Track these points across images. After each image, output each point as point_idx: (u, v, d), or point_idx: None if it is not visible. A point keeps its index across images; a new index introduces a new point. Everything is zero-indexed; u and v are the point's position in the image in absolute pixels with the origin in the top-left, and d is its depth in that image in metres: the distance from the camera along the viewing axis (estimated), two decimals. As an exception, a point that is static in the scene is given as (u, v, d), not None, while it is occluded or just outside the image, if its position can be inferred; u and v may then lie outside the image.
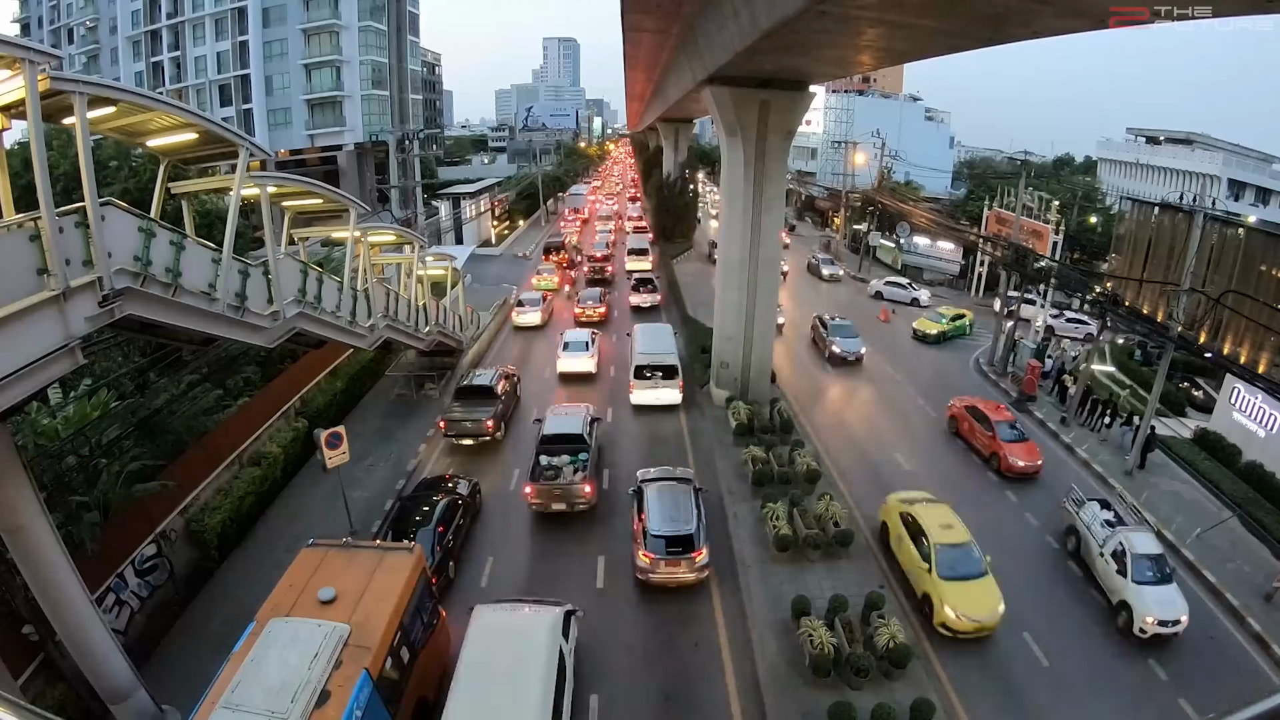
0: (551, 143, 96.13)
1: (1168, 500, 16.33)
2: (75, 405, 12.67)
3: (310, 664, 7.71)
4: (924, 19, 10.26)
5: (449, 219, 45.80)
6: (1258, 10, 8.00)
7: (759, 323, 19.80)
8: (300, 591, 9.01)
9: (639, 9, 19.72)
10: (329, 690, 7.55)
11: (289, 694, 7.35)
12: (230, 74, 51.90)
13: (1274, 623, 12.37)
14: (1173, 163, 55.92)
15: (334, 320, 13.33)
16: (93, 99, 7.43)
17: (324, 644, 7.98)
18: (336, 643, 8.06)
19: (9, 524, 8.01)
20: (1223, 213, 20.37)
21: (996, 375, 24.58)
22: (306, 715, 7.20)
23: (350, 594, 8.92)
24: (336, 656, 7.94)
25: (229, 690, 7.44)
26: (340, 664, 7.88)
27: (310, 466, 16.55)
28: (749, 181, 18.39)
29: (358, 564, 9.61)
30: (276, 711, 7.17)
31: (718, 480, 16.30)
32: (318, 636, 8.06)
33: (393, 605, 8.88)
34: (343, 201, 13.68)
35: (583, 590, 12.61)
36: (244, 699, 7.31)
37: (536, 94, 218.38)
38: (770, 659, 10.98)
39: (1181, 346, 17.19)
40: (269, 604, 8.86)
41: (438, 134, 79.71)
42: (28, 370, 6.96)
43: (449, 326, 22.01)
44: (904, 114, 67.26)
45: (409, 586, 9.39)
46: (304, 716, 7.17)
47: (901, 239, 42.05)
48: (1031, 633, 11.95)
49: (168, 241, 8.58)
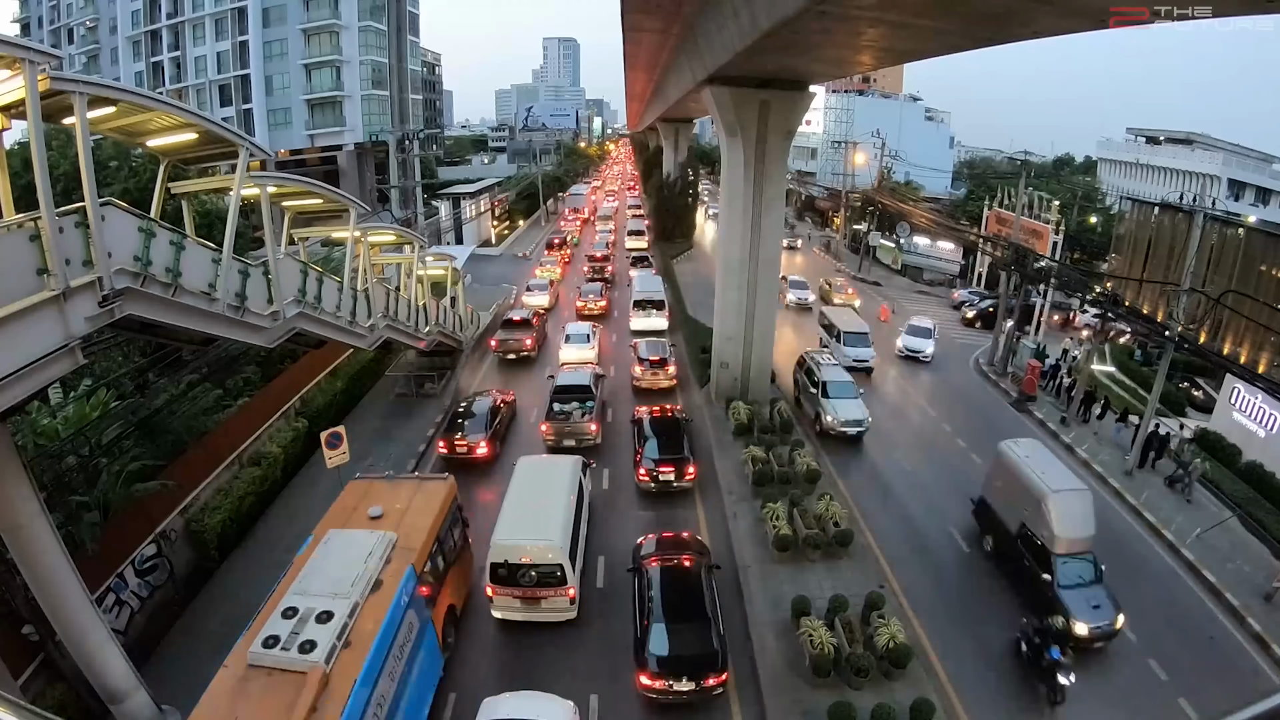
0: (551, 143, 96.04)
1: (1168, 500, 16.32)
2: (75, 405, 12.67)
3: (366, 560, 9.32)
4: (924, 19, 10.25)
5: (449, 219, 45.80)
6: (1258, 10, 8.00)
7: (759, 323, 19.79)
8: (351, 512, 10.82)
9: (639, 9, 19.72)
10: (382, 580, 9.22)
11: (349, 581, 8.89)
12: (230, 74, 51.88)
13: (1274, 623, 12.37)
14: (1173, 163, 55.93)
15: (334, 320, 13.33)
16: (93, 99, 7.43)
17: (376, 546, 9.61)
18: (387, 546, 9.73)
19: (9, 524, 8.01)
20: (1223, 213, 20.40)
21: (996, 375, 24.58)
22: (364, 598, 8.79)
23: (395, 512, 10.76)
24: (387, 555, 9.61)
25: (296, 581, 8.93)
26: (390, 561, 9.57)
27: (310, 466, 16.55)
28: (749, 181, 18.39)
29: (400, 490, 11.51)
30: (340, 594, 8.66)
31: (718, 480, 16.32)
32: (370, 541, 9.71)
33: (431, 520, 10.76)
34: (343, 201, 13.68)
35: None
36: (310, 587, 8.82)
37: (536, 94, 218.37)
38: (770, 659, 10.98)
39: (1181, 346, 17.18)
40: (324, 522, 10.53)
41: (438, 134, 79.68)
42: (28, 370, 6.96)
43: (449, 326, 22.02)
44: (904, 114, 67.27)
45: (444, 509, 11.27)
46: (362, 598, 8.76)
47: (901, 239, 42.09)
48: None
49: (168, 241, 8.59)
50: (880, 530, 14.91)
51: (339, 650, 8.03)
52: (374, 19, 52.17)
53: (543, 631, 11.57)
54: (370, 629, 8.45)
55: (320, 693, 7.51)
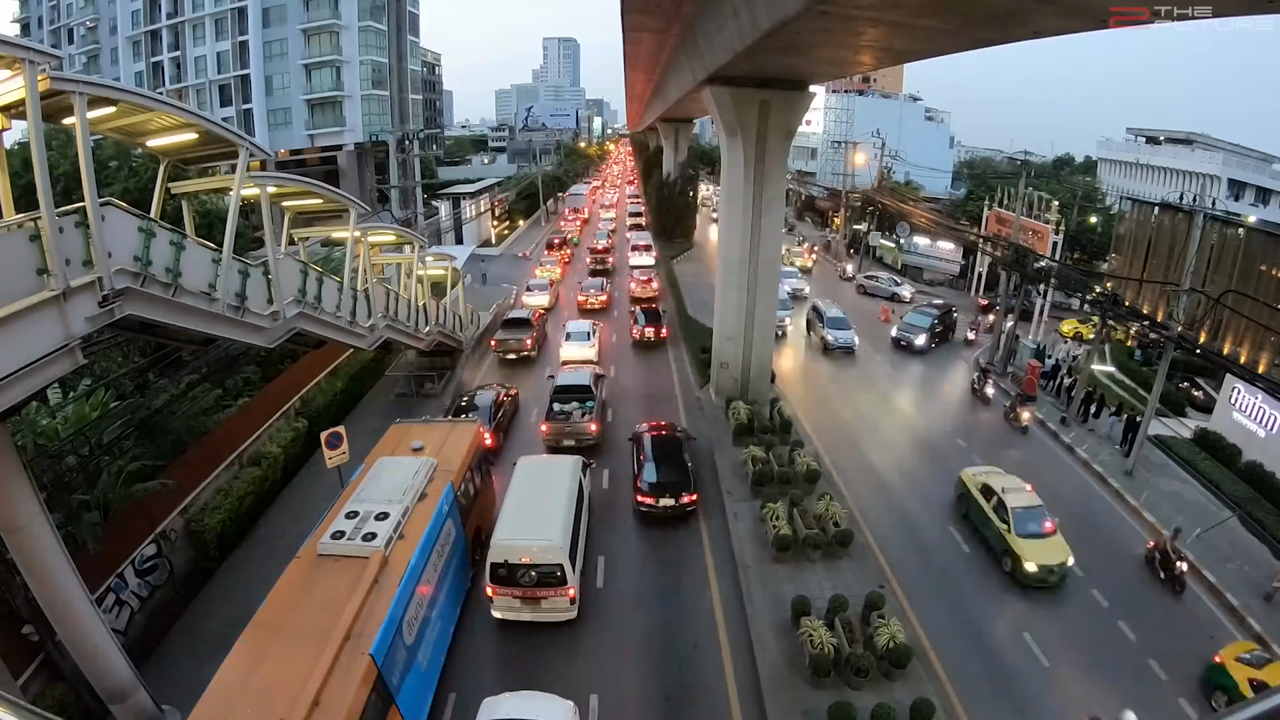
0: (551, 143, 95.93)
1: (1168, 500, 16.32)
2: (75, 405, 12.68)
3: (413, 476, 11.32)
4: (924, 19, 10.25)
5: (449, 219, 45.79)
6: (1258, 10, 7.99)
7: (759, 323, 19.79)
8: (395, 446, 12.93)
9: (639, 9, 19.71)
10: (426, 493, 11.21)
11: (401, 491, 10.86)
12: (230, 74, 51.86)
13: (1274, 623, 12.37)
14: (1173, 163, 55.88)
15: (334, 320, 13.34)
16: (93, 99, 7.43)
17: (421, 467, 11.66)
18: (429, 468, 11.81)
19: (9, 524, 8.00)
20: (1223, 213, 20.39)
21: (996, 375, 24.56)
22: (413, 505, 10.68)
23: (434, 445, 12.85)
24: (430, 475, 11.65)
25: (355, 494, 10.85)
26: (433, 479, 11.62)
27: (310, 466, 16.55)
28: (749, 181, 18.38)
29: (436, 430, 13.67)
30: (393, 500, 10.59)
31: (718, 480, 16.32)
32: (416, 463, 11.81)
33: (463, 453, 12.80)
34: (343, 201, 13.68)
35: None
36: (368, 496, 10.76)
37: (536, 94, 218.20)
38: (770, 659, 10.98)
39: (1181, 346, 17.18)
40: (372, 456, 12.50)
41: (438, 134, 79.66)
42: (28, 370, 6.96)
43: (449, 326, 22.02)
44: (904, 114, 67.25)
45: (473, 445, 13.42)
46: (412, 504, 10.67)
47: (901, 239, 42.07)
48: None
49: (168, 241, 8.59)
50: (877, 529, 14.94)
51: (394, 540, 9.87)
52: (374, 19, 52.15)
53: (543, 632, 11.58)
54: (419, 527, 10.34)
55: (380, 571, 9.23)
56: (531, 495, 12.63)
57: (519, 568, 11.13)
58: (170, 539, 12.41)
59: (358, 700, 7.61)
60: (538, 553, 11.14)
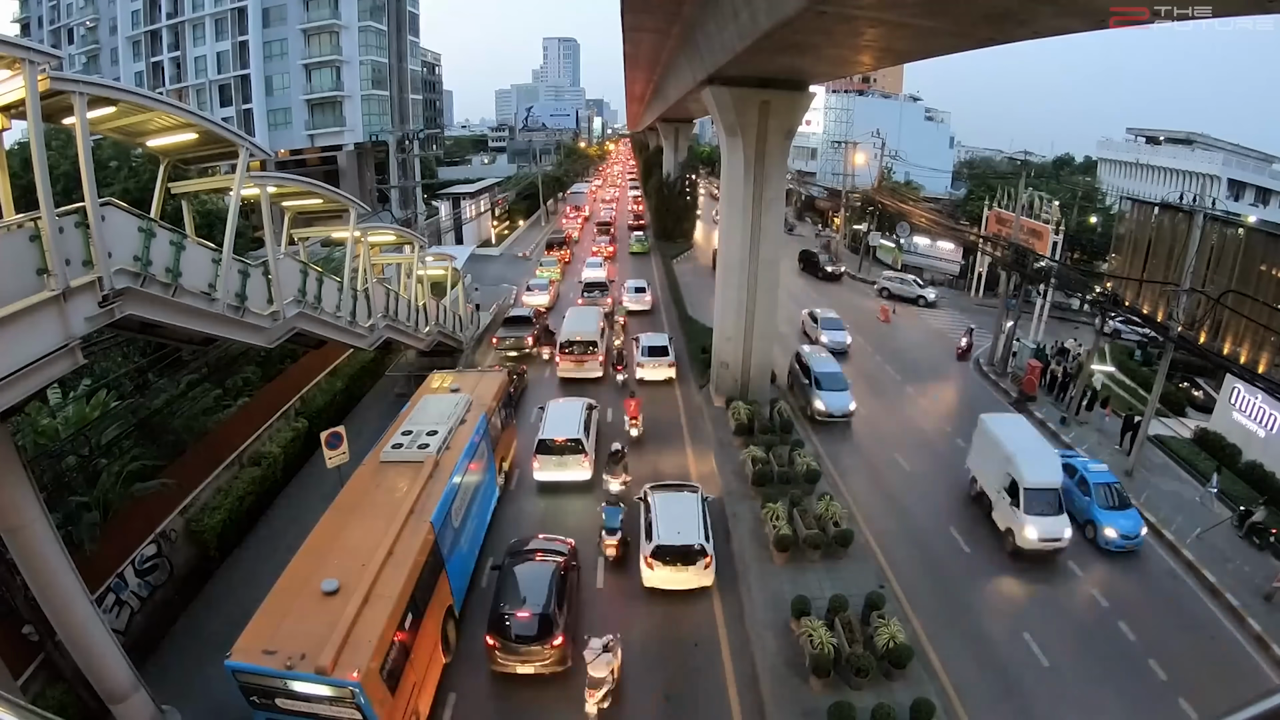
0: (551, 143, 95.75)
1: (1168, 500, 16.32)
2: (75, 405, 12.68)
3: (455, 406, 14.22)
4: (924, 19, 10.26)
5: (449, 219, 45.78)
6: (1258, 10, 8.01)
7: (759, 323, 19.79)
8: (434, 388, 15.96)
9: (639, 9, 19.73)
10: (465, 419, 13.98)
11: (446, 415, 13.74)
12: (230, 74, 51.82)
13: (1274, 623, 12.36)
14: (1173, 163, 55.84)
15: (334, 320, 13.33)
16: (93, 99, 7.43)
17: (460, 399, 14.64)
18: (467, 401, 14.72)
19: (9, 524, 8.00)
20: (1223, 213, 20.38)
21: (996, 375, 24.57)
22: (455, 428, 13.41)
23: (468, 386, 16.02)
24: (468, 406, 14.53)
25: (406, 420, 13.71)
26: (470, 409, 14.48)
27: (310, 466, 16.55)
28: (749, 181, 18.38)
29: (469, 376, 17.04)
30: (440, 422, 13.43)
31: (718, 480, 16.31)
32: (455, 397, 14.82)
33: (494, 393, 15.96)
34: (343, 201, 13.68)
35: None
36: (419, 419, 13.66)
37: (536, 94, 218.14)
38: (770, 659, 10.98)
39: (1181, 346, 17.17)
40: (416, 396, 15.54)
41: (438, 134, 79.57)
42: (28, 370, 6.96)
43: (449, 326, 22.02)
44: (904, 114, 67.06)
45: (500, 389, 16.57)
46: (455, 425, 13.47)
47: (901, 239, 42.03)
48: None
49: (168, 241, 8.59)
50: (877, 528, 14.92)
51: (443, 450, 12.55)
52: (374, 19, 52.10)
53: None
54: (461, 442, 13.10)
55: (434, 470, 11.83)
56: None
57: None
58: (170, 539, 12.40)
59: (421, 555, 9.94)
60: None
